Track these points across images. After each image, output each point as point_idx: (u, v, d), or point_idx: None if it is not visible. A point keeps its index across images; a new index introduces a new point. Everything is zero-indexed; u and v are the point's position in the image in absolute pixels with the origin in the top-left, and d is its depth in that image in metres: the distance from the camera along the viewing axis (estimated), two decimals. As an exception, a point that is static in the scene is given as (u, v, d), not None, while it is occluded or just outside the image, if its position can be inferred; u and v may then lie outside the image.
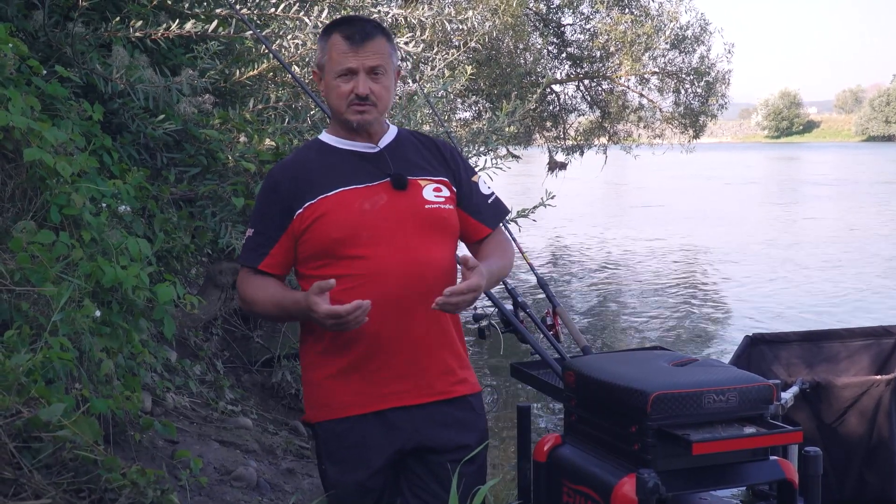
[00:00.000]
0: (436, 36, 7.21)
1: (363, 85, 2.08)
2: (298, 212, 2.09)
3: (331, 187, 2.10)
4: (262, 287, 2.13)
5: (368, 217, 2.07)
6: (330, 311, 1.93)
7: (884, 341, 4.75)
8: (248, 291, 2.15)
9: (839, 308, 10.14)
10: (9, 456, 2.01)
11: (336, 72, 2.09)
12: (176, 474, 2.94)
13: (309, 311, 1.96)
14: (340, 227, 2.06)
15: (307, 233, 2.08)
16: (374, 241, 2.06)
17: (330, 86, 2.12)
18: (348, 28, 2.10)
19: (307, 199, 2.09)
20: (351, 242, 2.05)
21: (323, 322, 1.96)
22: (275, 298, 2.11)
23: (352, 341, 2.06)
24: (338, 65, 2.09)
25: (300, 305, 2.01)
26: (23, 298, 2.30)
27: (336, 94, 2.11)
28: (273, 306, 2.12)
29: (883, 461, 4.23)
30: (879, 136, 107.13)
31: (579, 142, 15.80)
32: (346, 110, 2.11)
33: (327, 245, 2.06)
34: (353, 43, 2.08)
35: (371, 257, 2.05)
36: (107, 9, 3.61)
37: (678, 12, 13.67)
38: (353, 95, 2.09)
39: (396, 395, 2.10)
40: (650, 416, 2.03)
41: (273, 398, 5.09)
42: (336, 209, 2.07)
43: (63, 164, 2.49)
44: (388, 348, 2.07)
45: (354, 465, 2.11)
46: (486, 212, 2.29)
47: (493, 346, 7.23)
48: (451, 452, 2.13)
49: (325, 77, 2.14)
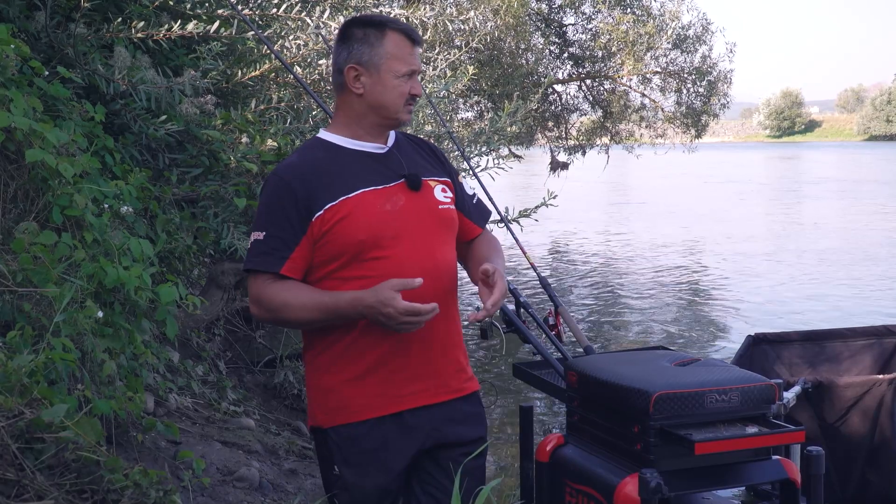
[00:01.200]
0: (438, 36, 7.22)
1: (418, 85, 2.11)
2: (318, 214, 2.03)
3: (351, 189, 2.06)
4: (295, 291, 2.03)
5: (390, 218, 2.06)
6: (410, 307, 1.90)
7: (886, 341, 4.74)
8: (278, 297, 2.03)
9: (841, 307, 10.13)
10: (11, 457, 2.01)
11: (400, 71, 2.08)
12: (178, 475, 2.94)
13: (381, 307, 1.91)
14: (365, 228, 2.03)
15: (328, 235, 2.03)
16: (396, 243, 2.05)
17: (388, 85, 2.08)
18: (403, 26, 2.10)
19: (326, 201, 2.04)
20: (374, 244, 2.03)
21: (394, 319, 1.91)
22: (316, 301, 2.02)
23: (372, 344, 2.05)
24: (402, 65, 2.07)
25: (363, 302, 1.94)
26: (25, 299, 2.30)
27: (396, 93, 2.09)
28: (314, 309, 2.01)
29: (885, 460, 4.23)
30: (881, 136, 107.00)
31: (581, 142, 15.81)
32: (402, 109, 2.11)
33: (351, 247, 2.03)
34: (415, 43, 2.09)
35: (393, 258, 2.04)
36: (109, 10, 3.62)
37: (680, 12, 13.67)
38: (409, 96, 2.10)
39: (414, 395, 2.09)
40: (652, 415, 2.03)
41: (275, 399, 5.09)
42: (359, 210, 2.04)
43: (65, 165, 2.50)
44: (408, 349, 2.07)
45: (374, 469, 2.09)
46: (475, 211, 2.31)
47: (495, 347, 7.23)
48: (465, 446, 2.14)
49: (378, 74, 2.08)
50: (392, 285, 1.91)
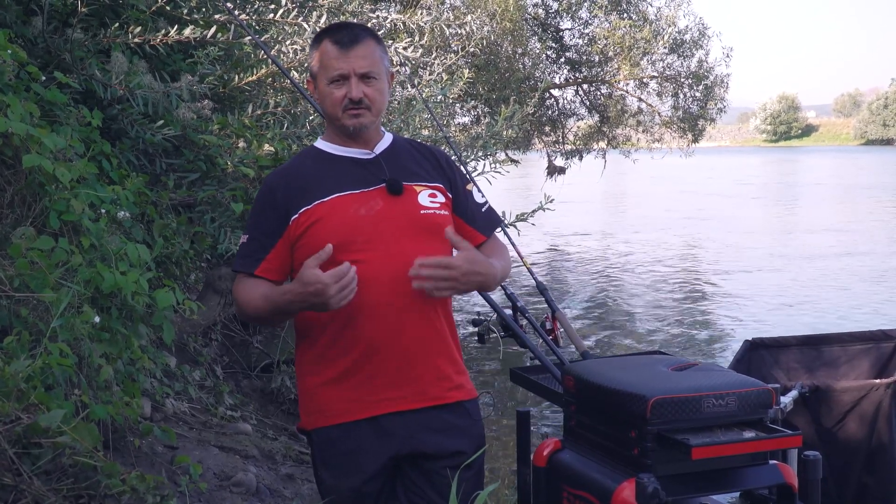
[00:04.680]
0: (434, 41, 7.23)
1: (356, 89, 2.08)
2: (294, 217, 2.09)
3: (326, 193, 2.10)
4: (252, 287, 2.11)
5: (364, 222, 2.07)
6: (332, 272, 1.90)
7: (883, 345, 4.74)
8: (240, 295, 2.14)
9: (839, 312, 10.15)
10: (8, 462, 2.01)
11: (328, 78, 2.10)
12: (175, 480, 2.94)
13: (306, 287, 1.92)
14: (336, 232, 2.05)
15: (303, 238, 2.08)
16: (370, 247, 2.06)
17: (323, 93, 2.12)
18: (337, 33, 2.11)
19: (303, 205, 2.09)
20: (346, 247, 2.04)
21: (324, 293, 1.90)
22: (264, 294, 2.08)
23: (346, 348, 2.07)
24: (329, 70, 2.09)
25: (291, 290, 1.98)
26: (22, 304, 2.30)
27: (330, 100, 2.11)
28: (262, 300, 2.08)
29: (883, 465, 4.23)
30: (878, 140, 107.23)
31: (578, 146, 15.84)
32: (342, 115, 2.11)
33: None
34: (342, 47, 2.08)
35: (366, 262, 2.04)
36: (106, 15, 3.62)
37: (676, 17, 13.71)
38: (347, 100, 2.09)
39: (390, 400, 2.09)
40: (650, 420, 2.03)
41: (272, 403, 5.08)
42: (332, 214, 2.07)
43: (62, 171, 2.49)
44: (382, 354, 2.07)
45: (349, 471, 2.11)
46: (481, 220, 2.30)
47: (492, 351, 7.23)
48: (446, 458, 2.13)
49: (318, 84, 2.15)
50: (307, 264, 1.93)
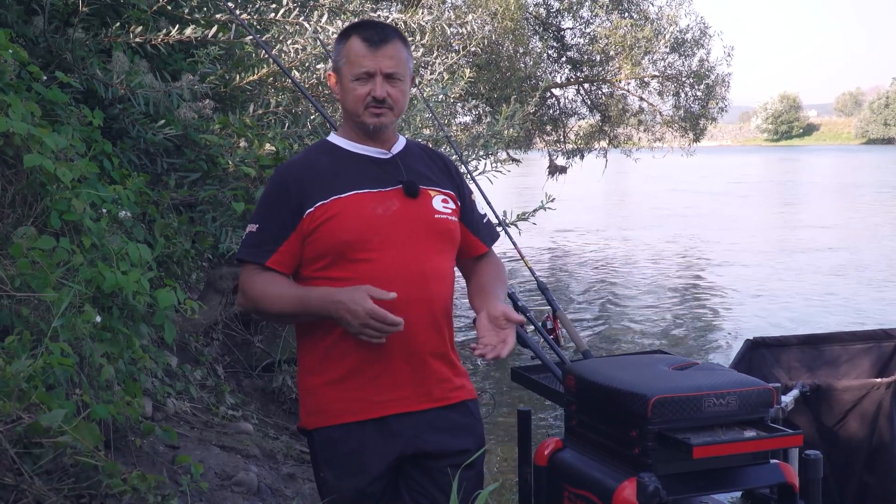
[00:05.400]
0: (435, 40, 7.23)
1: (380, 88, 2.07)
2: (309, 211, 2.06)
3: (344, 189, 2.08)
4: (273, 283, 2.07)
5: (381, 221, 2.07)
6: (375, 308, 1.90)
7: (884, 345, 4.74)
8: (256, 287, 2.08)
9: (840, 311, 10.14)
10: (10, 462, 2.01)
11: (353, 74, 2.08)
12: (177, 479, 2.94)
13: (351, 303, 1.91)
14: (352, 229, 2.04)
15: (316, 232, 2.06)
16: (384, 246, 2.05)
17: (347, 88, 2.11)
18: (366, 31, 2.10)
19: (318, 199, 2.06)
20: (361, 245, 2.04)
21: (359, 317, 1.91)
22: (291, 292, 2.05)
23: (352, 347, 2.06)
24: (355, 67, 2.08)
25: (334, 296, 1.95)
26: (23, 304, 2.30)
27: (353, 96, 2.10)
28: (289, 301, 2.05)
29: (883, 464, 4.22)
30: (879, 139, 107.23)
31: (579, 145, 15.85)
32: (363, 113, 2.10)
33: (337, 246, 2.05)
34: (370, 45, 2.07)
35: (378, 262, 2.04)
36: (107, 14, 3.62)
37: (677, 16, 13.72)
38: (370, 98, 2.08)
39: (396, 401, 2.09)
40: (650, 419, 2.03)
41: (274, 403, 5.08)
42: (348, 211, 2.06)
43: (63, 170, 2.50)
44: (389, 355, 2.06)
45: (353, 472, 2.11)
46: (483, 230, 2.32)
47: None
48: (450, 457, 2.13)
49: (341, 80, 2.13)
50: (368, 290, 1.93)
